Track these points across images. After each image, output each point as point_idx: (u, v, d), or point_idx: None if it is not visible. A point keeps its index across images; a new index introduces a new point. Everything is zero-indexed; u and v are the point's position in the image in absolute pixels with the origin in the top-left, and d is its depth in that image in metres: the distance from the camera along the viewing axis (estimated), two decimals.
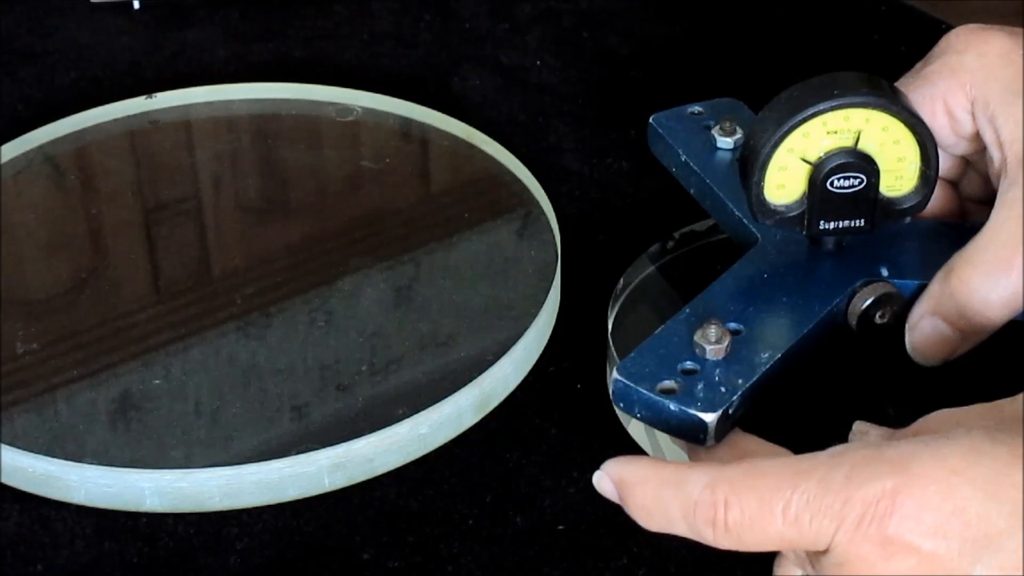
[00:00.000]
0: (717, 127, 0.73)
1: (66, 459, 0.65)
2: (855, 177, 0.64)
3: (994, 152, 0.65)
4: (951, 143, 0.67)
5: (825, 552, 0.51)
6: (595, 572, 0.62)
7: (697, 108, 0.75)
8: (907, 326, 0.65)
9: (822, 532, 0.50)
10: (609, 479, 0.55)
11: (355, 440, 0.66)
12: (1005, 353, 0.66)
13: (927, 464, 0.50)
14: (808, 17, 0.95)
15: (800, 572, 0.54)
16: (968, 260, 0.63)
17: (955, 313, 0.63)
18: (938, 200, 0.67)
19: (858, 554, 0.50)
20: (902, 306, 0.65)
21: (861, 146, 0.64)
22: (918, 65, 0.68)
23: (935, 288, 0.64)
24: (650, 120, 0.75)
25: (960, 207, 0.70)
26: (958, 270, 0.63)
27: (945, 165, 0.67)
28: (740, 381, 0.60)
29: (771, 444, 0.58)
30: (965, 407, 0.54)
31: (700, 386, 0.60)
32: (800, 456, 0.52)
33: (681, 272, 0.74)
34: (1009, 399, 0.54)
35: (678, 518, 0.53)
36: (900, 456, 0.50)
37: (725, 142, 0.73)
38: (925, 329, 0.64)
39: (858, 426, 0.58)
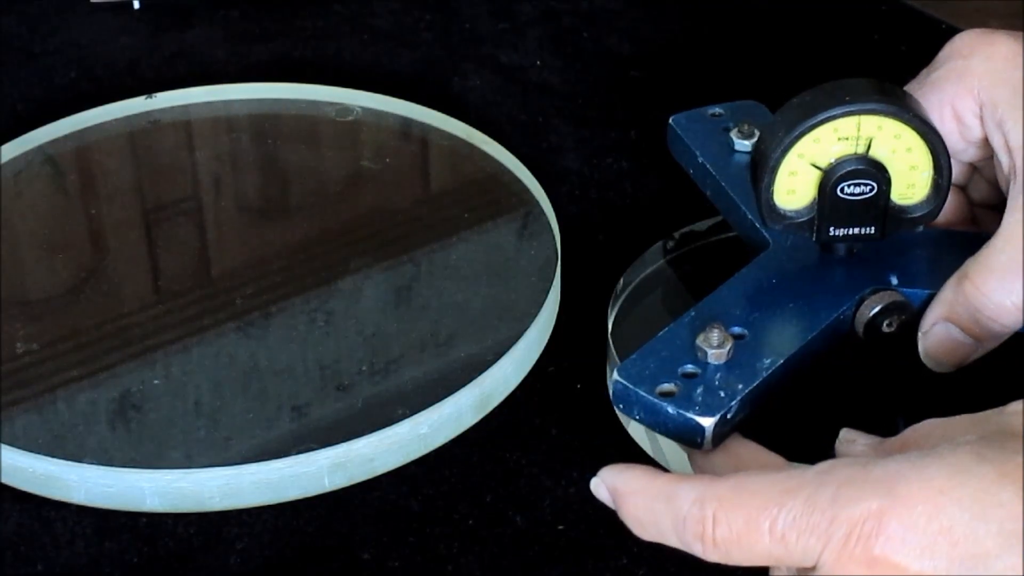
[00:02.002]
0: (735, 129, 0.73)
1: (66, 459, 0.65)
2: (865, 184, 0.64)
3: (1003, 157, 0.65)
4: (960, 149, 0.67)
5: (813, 568, 0.51)
6: (595, 572, 0.62)
7: (717, 110, 0.75)
8: (920, 332, 0.65)
9: (809, 550, 0.50)
10: (605, 487, 0.55)
11: (355, 440, 0.66)
12: (1007, 361, 0.66)
13: (913, 484, 0.50)
14: (808, 17, 0.95)
15: None
16: (982, 265, 0.63)
17: (969, 319, 0.63)
18: (947, 206, 0.67)
19: (845, 573, 0.50)
20: (910, 315, 0.65)
21: (872, 153, 0.63)
22: (924, 72, 0.68)
23: (948, 294, 0.64)
24: (669, 121, 0.75)
25: (969, 213, 0.70)
26: (972, 275, 0.63)
27: (953, 171, 0.67)
28: (740, 386, 0.60)
29: (768, 452, 0.58)
30: (952, 417, 0.54)
31: (699, 390, 0.60)
32: (788, 472, 0.52)
33: (681, 272, 0.74)
34: (996, 410, 0.53)
35: (669, 531, 0.53)
36: (886, 476, 0.50)
37: (743, 144, 0.72)
38: (938, 335, 0.64)
39: (844, 434, 0.58)
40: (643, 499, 0.54)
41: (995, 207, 0.66)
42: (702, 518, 0.52)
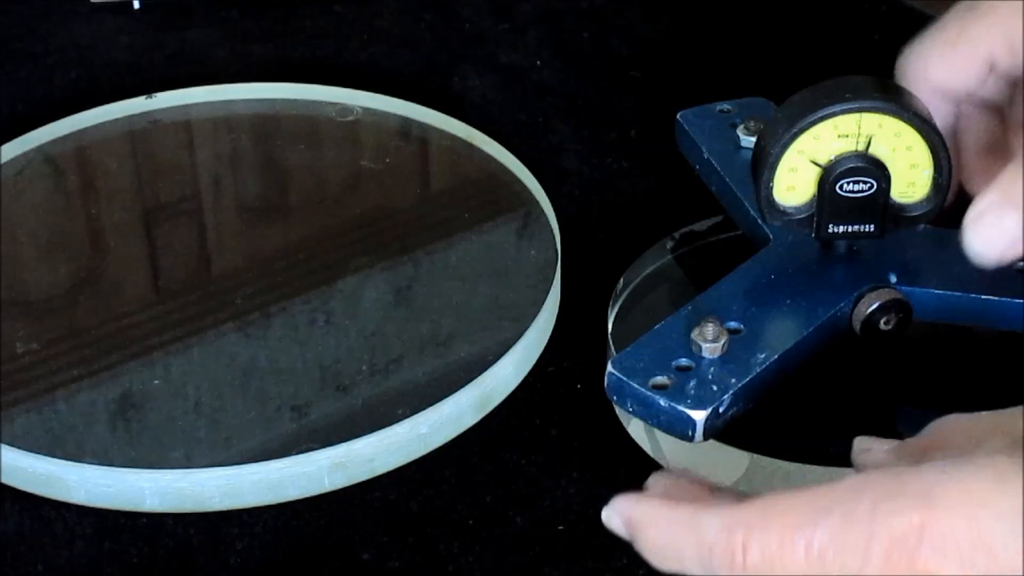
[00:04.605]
0: (742, 126, 0.73)
1: (66, 459, 0.65)
2: (865, 182, 0.64)
3: None
4: (996, 91, 0.65)
5: None
6: (595, 572, 0.62)
7: (726, 106, 0.75)
8: (967, 219, 0.59)
9: (847, 567, 0.49)
10: (619, 517, 0.54)
11: (355, 440, 0.66)
12: (1007, 359, 0.66)
13: (953, 496, 0.48)
14: (808, 17, 0.95)
15: None
16: None
17: None
18: (982, 127, 0.65)
19: None
20: (907, 313, 0.65)
21: (872, 151, 0.63)
22: (948, 16, 0.65)
23: (1008, 176, 0.58)
24: (677, 116, 0.75)
25: (1003, 136, 0.67)
26: None
27: (993, 90, 0.65)
28: (733, 380, 0.60)
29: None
30: (975, 414, 0.53)
31: (692, 383, 0.60)
32: (815, 490, 0.50)
33: (681, 272, 0.74)
34: (1019, 408, 0.53)
35: (692, 560, 0.51)
36: (924, 488, 0.49)
37: (749, 141, 0.72)
38: (988, 221, 0.59)
39: (859, 443, 0.57)
40: (663, 528, 0.52)
41: None
42: (731, 546, 0.50)
